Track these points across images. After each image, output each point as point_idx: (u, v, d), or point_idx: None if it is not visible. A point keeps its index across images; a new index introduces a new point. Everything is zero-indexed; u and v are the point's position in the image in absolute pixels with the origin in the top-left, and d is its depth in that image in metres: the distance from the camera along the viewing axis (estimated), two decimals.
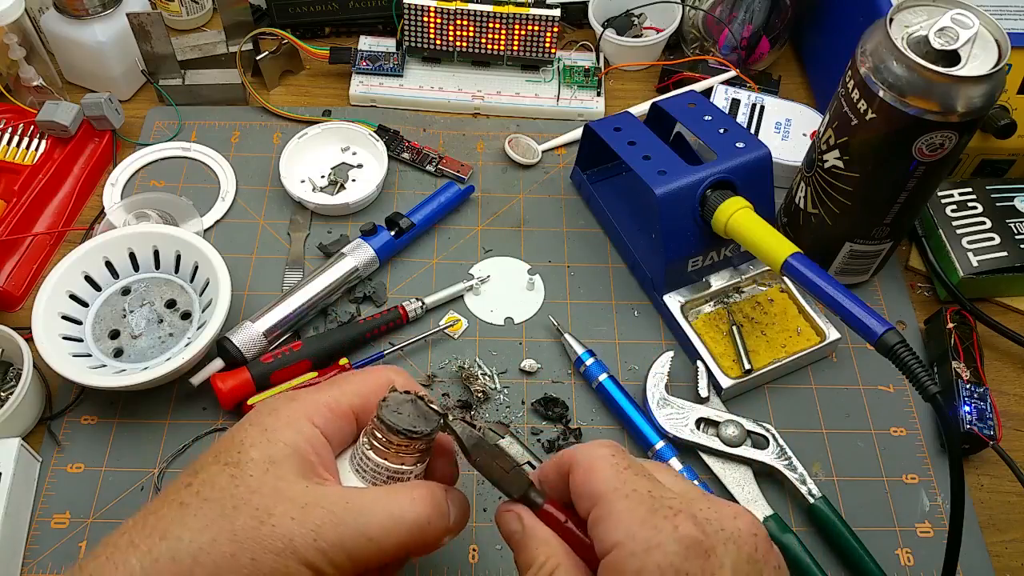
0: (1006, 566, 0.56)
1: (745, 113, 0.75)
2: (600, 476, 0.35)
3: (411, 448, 0.38)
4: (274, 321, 0.61)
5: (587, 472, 0.36)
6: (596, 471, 0.36)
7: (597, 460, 0.36)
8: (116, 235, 0.63)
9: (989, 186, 0.69)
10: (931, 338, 0.65)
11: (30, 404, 0.58)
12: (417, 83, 0.80)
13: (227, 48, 0.79)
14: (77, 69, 0.79)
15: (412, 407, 0.38)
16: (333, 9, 0.82)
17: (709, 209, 0.60)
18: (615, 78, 0.84)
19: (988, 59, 0.52)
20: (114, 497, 0.56)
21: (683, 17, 0.82)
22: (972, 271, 0.65)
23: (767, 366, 0.61)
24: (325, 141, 0.74)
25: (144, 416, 0.60)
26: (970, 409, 0.58)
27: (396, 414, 0.38)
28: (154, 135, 0.77)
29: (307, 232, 0.70)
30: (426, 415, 0.38)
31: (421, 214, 0.69)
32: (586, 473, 0.36)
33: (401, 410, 0.38)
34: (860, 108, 0.55)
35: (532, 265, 0.68)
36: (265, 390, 0.59)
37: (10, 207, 0.68)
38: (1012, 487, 0.59)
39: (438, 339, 0.65)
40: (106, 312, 0.62)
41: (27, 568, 0.53)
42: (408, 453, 0.38)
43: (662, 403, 0.59)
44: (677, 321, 0.63)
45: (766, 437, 0.58)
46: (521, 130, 0.78)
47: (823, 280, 0.53)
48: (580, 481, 0.36)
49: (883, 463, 0.59)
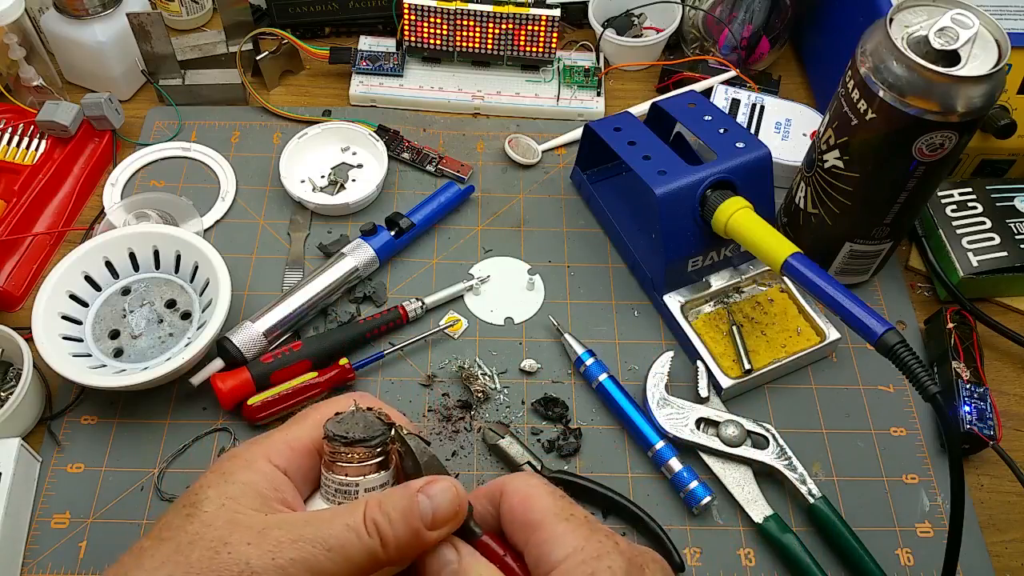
0: (1006, 566, 0.56)
1: (745, 113, 0.75)
2: (540, 504, 0.36)
3: (354, 456, 0.37)
4: (274, 321, 0.61)
5: (525, 499, 0.37)
6: (535, 498, 0.37)
7: (533, 488, 0.37)
8: (116, 235, 0.63)
9: (989, 186, 0.69)
10: (931, 338, 0.65)
11: (30, 404, 0.58)
12: (417, 83, 0.80)
13: (227, 48, 0.79)
14: (77, 69, 0.79)
15: (360, 418, 0.38)
16: (333, 9, 0.82)
17: (709, 209, 0.60)
18: (615, 78, 0.84)
19: (988, 59, 0.52)
20: (114, 497, 0.56)
21: (683, 17, 0.82)
22: (972, 271, 0.65)
23: (767, 366, 0.61)
24: (325, 141, 0.75)
25: (144, 416, 0.60)
26: (970, 409, 0.58)
27: (337, 423, 0.37)
28: (154, 135, 0.77)
29: (307, 232, 0.70)
30: (370, 424, 0.38)
31: (421, 214, 0.69)
32: (524, 500, 0.37)
33: (344, 420, 0.38)
34: (860, 108, 0.55)
35: (532, 265, 0.68)
36: (265, 390, 0.59)
37: (10, 207, 0.68)
38: (1012, 487, 0.59)
39: (438, 339, 0.65)
40: (106, 312, 0.62)
41: (27, 568, 0.53)
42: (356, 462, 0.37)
43: (662, 403, 0.59)
44: (677, 321, 0.63)
45: (766, 437, 0.58)
46: (521, 130, 0.78)
47: (823, 280, 0.53)
48: (518, 508, 0.37)
49: (883, 463, 0.59)
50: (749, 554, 0.55)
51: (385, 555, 0.34)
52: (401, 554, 0.35)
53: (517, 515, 0.37)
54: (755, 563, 0.55)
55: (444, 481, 0.36)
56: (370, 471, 0.37)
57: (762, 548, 0.55)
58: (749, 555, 0.55)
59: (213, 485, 0.36)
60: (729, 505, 0.57)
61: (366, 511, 0.35)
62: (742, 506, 0.56)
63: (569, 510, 0.36)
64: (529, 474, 0.38)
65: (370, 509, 0.35)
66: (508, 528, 0.37)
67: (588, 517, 0.37)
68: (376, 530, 0.34)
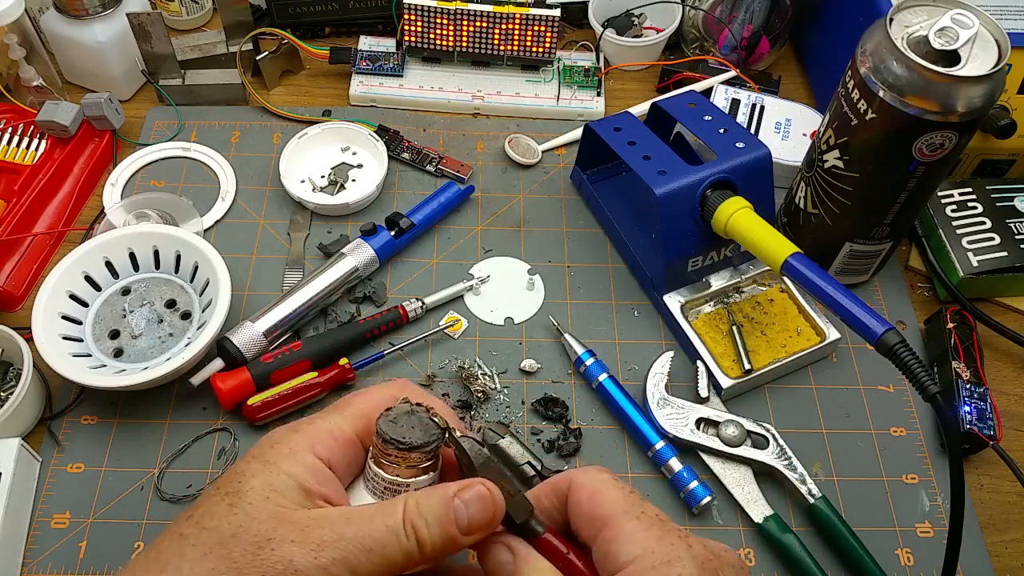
0: (1006, 566, 0.56)
1: (745, 113, 0.75)
2: (609, 498, 0.35)
3: (409, 460, 0.37)
4: (274, 321, 0.61)
5: (593, 494, 0.36)
6: (604, 493, 0.36)
7: (602, 483, 0.36)
8: (116, 235, 0.63)
9: (989, 186, 0.69)
10: (931, 338, 0.65)
11: (30, 404, 0.58)
12: (417, 83, 0.80)
13: (227, 48, 0.79)
14: (77, 69, 0.79)
15: (413, 419, 0.37)
16: (333, 9, 0.82)
17: (709, 209, 0.60)
18: (615, 78, 0.84)
19: (988, 59, 0.52)
20: (114, 497, 0.56)
21: (683, 17, 0.82)
22: (972, 271, 0.65)
23: (767, 366, 0.61)
24: (325, 141, 0.75)
25: (144, 416, 0.60)
26: (970, 409, 0.58)
27: (392, 424, 0.37)
28: (154, 135, 0.77)
29: (307, 232, 0.70)
30: (426, 427, 0.37)
31: (421, 214, 0.69)
32: (592, 495, 0.36)
33: (399, 420, 0.37)
34: (860, 108, 0.55)
35: (532, 265, 0.68)
36: (265, 390, 0.59)
37: (10, 207, 0.68)
38: (1012, 487, 0.59)
39: (438, 339, 0.65)
40: (106, 312, 0.62)
41: (27, 568, 0.53)
42: (408, 466, 0.37)
43: (662, 403, 0.59)
44: (677, 321, 0.63)
45: (766, 437, 0.58)
46: (521, 130, 0.78)
47: (823, 280, 0.53)
48: (586, 503, 0.36)
49: (883, 463, 0.59)
50: (749, 554, 0.55)
51: (420, 557, 0.34)
52: (435, 555, 0.35)
53: (584, 510, 0.36)
54: (755, 563, 0.55)
55: (479, 487, 0.36)
56: (421, 473, 0.37)
57: (762, 548, 0.55)
58: (749, 555, 0.55)
59: (257, 474, 0.36)
60: (729, 505, 0.57)
61: (405, 514, 0.35)
62: (742, 506, 0.56)
63: (640, 507, 0.35)
64: (598, 468, 0.37)
65: (409, 512, 0.35)
66: (575, 523, 0.36)
67: (659, 515, 0.35)
68: (414, 534, 0.34)
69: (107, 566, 0.53)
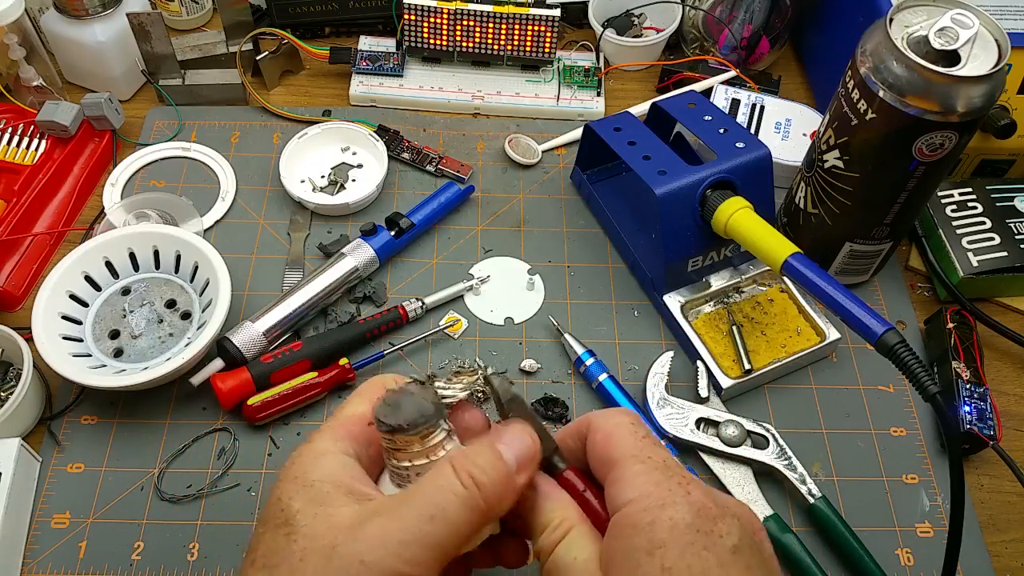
0: (1006, 566, 0.56)
1: (745, 113, 0.75)
2: (619, 442, 0.36)
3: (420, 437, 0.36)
4: (274, 321, 0.61)
5: (606, 437, 0.37)
6: (615, 437, 0.37)
7: (617, 427, 0.37)
8: (116, 235, 0.63)
9: (989, 186, 0.69)
10: (931, 338, 0.65)
11: (30, 404, 0.58)
12: (417, 83, 0.80)
13: (227, 48, 0.79)
14: (77, 69, 0.79)
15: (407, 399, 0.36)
16: (333, 9, 0.83)
17: (709, 209, 0.60)
18: (615, 78, 0.84)
19: (988, 59, 0.52)
20: (114, 497, 0.56)
21: (683, 17, 0.82)
22: (972, 271, 0.65)
23: (767, 366, 0.61)
24: (325, 141, 0.75)
25: (144, 416, 0.60)
26: (970, 409, 0.58)
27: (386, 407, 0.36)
28: (154, 135, 0.77)
29: (307, 232, 0.70)
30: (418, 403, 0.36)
31: (421, 214, 0.69)
32: (605, 438, 0.37)
33: (390, 401, 0.36)
34: (860, 108, 0.55)
35: (532, 265, 0.68)
36: (265, 390, 0.59)
37: (10, 207, 0.68)
38: (1012, 487, 0.59)
39: (438, 339, 0.65)
40: (106, 312, 0.62)
41: (27, 568, 0.53)
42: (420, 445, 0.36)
43: (662, 403, 0.59)
44: (677, 321, 0.63)
45: (766, 437, 0.58)
46: (521, 130, 0.78)
47: (823, 280, 0.53)
48: (599, 446, 0.37)
49: (883, 463, 0.59)
50: None
51: (485, 505, 0.34)
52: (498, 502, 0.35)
53: (599, 451, 0.37)
54: None
55: (513, 425, 0.37)
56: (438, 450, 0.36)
57: None
58: None
59: (295, 496, 0.36)
60: None
61: (456, 470, 0.34)
62: None
63: (648, 452, 0.36)
64: (618, 410, 0.38)
65: (458, 463, 0.35)
66: (592, 464, 0.37)
67: (667, 461, 0.36)
68: (472, 481, 0.34)
69: (107, 566, 0.53)
